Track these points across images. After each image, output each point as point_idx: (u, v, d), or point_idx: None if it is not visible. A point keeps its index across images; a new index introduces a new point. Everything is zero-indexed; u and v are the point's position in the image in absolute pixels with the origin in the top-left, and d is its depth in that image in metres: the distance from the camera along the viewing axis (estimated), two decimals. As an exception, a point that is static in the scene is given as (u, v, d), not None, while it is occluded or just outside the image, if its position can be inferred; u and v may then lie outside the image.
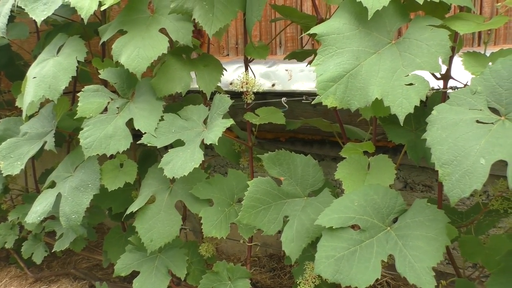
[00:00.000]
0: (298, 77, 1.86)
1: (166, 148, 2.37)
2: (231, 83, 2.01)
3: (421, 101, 0.81)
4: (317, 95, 0.84)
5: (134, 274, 1.38)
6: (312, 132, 1.99)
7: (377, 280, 0.82)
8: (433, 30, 0.85)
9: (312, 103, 0.83)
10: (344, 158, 1.05)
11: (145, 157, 1.63)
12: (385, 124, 1.08)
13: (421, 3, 0.83)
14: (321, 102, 0.84)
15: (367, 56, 0.84)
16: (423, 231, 0.83)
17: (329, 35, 0.86)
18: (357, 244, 0.86)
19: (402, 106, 0.78)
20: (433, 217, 0.85)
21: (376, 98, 0.80)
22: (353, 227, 0.90)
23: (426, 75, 0.86)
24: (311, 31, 0.87)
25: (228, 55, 2.15)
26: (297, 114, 1.90)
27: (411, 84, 0.79)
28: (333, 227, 0.87)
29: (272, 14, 1.97)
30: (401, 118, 0.79)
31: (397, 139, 1.05)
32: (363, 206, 0.90)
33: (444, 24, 0.88)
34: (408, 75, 0.80)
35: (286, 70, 1.90)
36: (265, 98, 1.72)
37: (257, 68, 1.91)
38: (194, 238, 2.19)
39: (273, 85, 1.90)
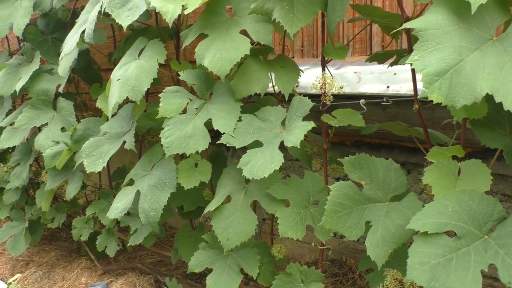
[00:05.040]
0: (367, 79, 1.82)
1: (228, 149, 2.39)
2: (296, 86, 2.01)
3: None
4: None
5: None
6: (379, 136, 1.94)
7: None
8: (540, 24, 0.80)
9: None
10: (415, 164, 1.01)
11: (215, 157, 1.67)
12: (476, 127, 1.02)
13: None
14: (388, 106, 0.81)
15: (469, 52, 0.80)
16: (529, 240, 0.78)
17: (427, 30, 0.83)
18: (453, 251, 0.82)
19: (517, 101, 0.74)
20: (539, 225, 0.79)
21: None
22: (446, 233, 0.86)
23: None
24: (407, 25, 0.85)
25: (293, 57, 2.15)
26: (366, 118, 1.85)
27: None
28: (428, 232, 0.83)
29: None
30: None
31: (492, 144, 0.99)
32: (457, 212, 0.86)
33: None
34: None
35: (355, 72, 1.86)
36: (332, 100, 1.70)
37: (325, 70, 1.89)
38: (254, 239, 2.20)
39: (341, 87, 1.87)
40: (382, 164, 1.10)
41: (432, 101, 0.83)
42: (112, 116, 1.61)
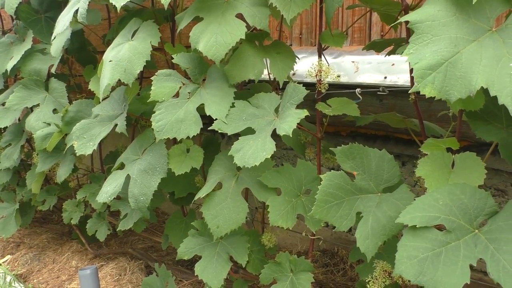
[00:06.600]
0: (365, 69, 1.80)
1: (223, 136, 2.37)
2: (293, 74, 1.98)
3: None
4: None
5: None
6: (375, 127, 1.92)
7: None
8: (540, 15, 0.77)
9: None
10: (410, 156, 0.99)
11: (208, 144, 1.65)
12: (472, 120, 1.00)
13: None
14: (385, 97, 0.79)
15: (466, 44, 0.78)
16: (520, 235, 0.77)
17: (423, 22, 0.80)
18: (442, 245, 0.81)
19: (512, 96, 0.72)
20: (530, 221, 0.78)
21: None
22: (437, 227, 0.84)
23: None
24: (403, 19, 0.82)
25: (291, 45, 2.11)
26: (362, 108, 1.83)
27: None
28: (417, 226, 0.82)
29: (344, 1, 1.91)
30: (511, 109, 0.72)
31: (487, 137, 0.98)
32: (448, 206, 0.85)
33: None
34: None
35: (353, 61, 1.84)
36: (328, 90, 1.68)
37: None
38: (246, 227, 2.19)
39: (338, 76, 1.84)
40: (375, 155, 1.08)
41: (429, 94, 0.81)
42: (105, 98, 1.58)
